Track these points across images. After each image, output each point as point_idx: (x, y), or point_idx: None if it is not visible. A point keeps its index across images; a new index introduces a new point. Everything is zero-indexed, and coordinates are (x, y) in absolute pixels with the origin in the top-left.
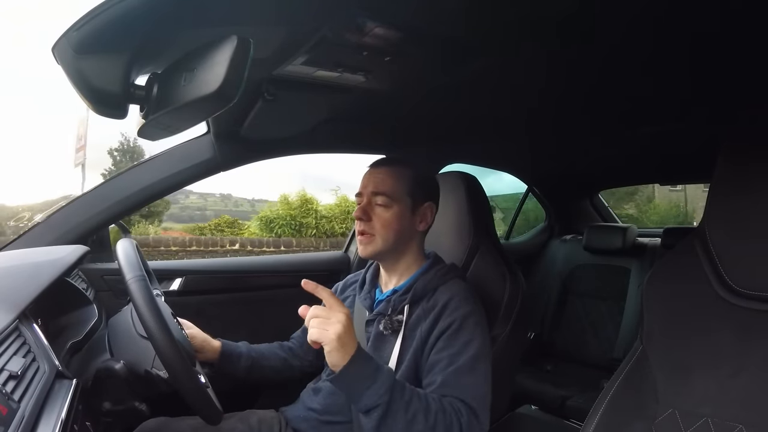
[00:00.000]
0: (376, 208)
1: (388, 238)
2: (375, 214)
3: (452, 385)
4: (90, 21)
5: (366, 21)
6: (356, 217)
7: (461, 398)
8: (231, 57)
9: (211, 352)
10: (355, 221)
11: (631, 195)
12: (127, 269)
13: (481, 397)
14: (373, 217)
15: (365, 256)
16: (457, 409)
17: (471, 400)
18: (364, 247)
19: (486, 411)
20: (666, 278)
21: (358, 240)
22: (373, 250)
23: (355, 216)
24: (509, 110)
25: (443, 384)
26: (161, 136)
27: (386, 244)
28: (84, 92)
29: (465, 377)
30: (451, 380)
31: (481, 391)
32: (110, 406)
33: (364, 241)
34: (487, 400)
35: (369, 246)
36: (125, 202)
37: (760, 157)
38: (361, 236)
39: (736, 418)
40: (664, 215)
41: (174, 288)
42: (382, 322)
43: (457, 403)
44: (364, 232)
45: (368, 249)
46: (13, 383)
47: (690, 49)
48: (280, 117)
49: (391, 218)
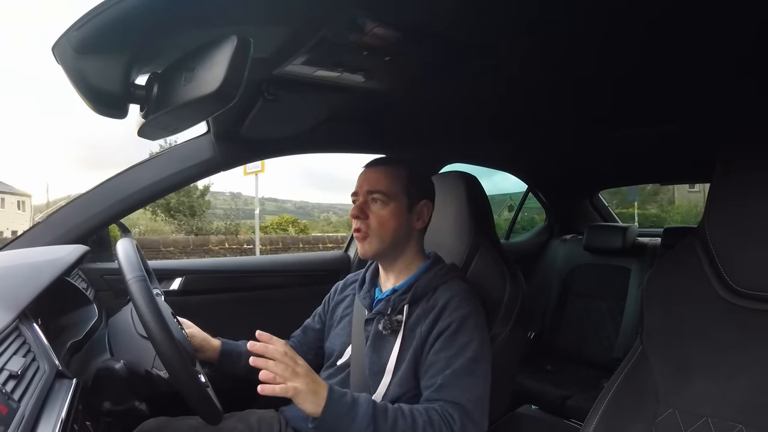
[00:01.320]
0: (372, 206)
1: (384, 236)
2: (371, 213)
3: (450, 388)
4: (90, 21)
5: (366, 21)
6: (353, 216)
7: (458, 401)
8: (231, 57)
9: (211, 351)
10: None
11: (654, 196)
12: (127, 269)
13: (478, 399)
14: (369, 216)
15: (364, 257)
16: (447, 416)
17: (467, 402)
18: (361, 245)
19: (484, 412)
20: (666, 278)
21: (356, 238)
22: (370, 249)
23: (351, 215)
24: (509, 110)
25: (441, 386)
26: (161, 136)
27: (383, 242)
28: (84, 92)
29: (463, 379)
30: (449, 382)
31: (479, 392)
32: (110, 406)
33: (360, 238)
34: (485, 401)
35: (365, 244)
36: (125, 202)
37: (760, 156)
38: (357, 233)
39: (736, 418)
40: (685, 215)
41: (174, 287)
42: (382, 321)
43: (449, 408)
44: (360, 230)
45: (365, 247)
46: (13, 383)
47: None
48: (280, 117)
49: (388, 216)
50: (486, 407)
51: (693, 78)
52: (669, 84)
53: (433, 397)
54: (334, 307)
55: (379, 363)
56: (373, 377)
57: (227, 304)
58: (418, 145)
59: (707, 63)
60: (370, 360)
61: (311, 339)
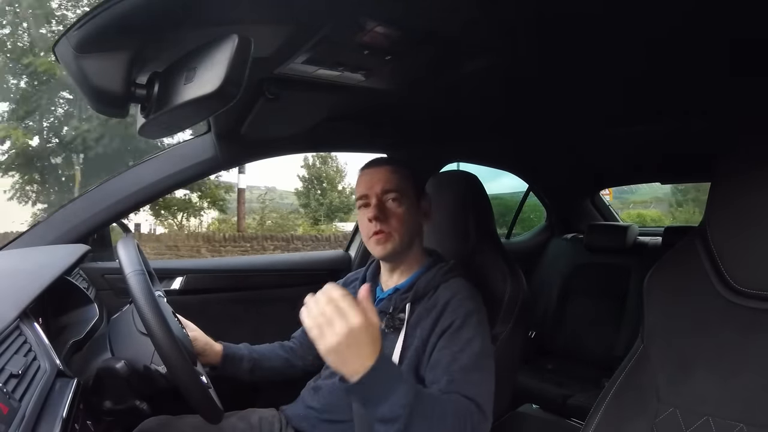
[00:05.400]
0: (388, 205)
1: (404, 234)
2: (390, 212)
3: (460, 383)
4: (91, 20)
5: (367, 20)
6: (372, 218)
7: (469, 396)
8: (232, 56)
9: (214, 355)
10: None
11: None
12: (126, 264)
13: (487, 393)
14: (389, 216)
15: (383, 256)
16: (466, 409)
17: (478, 397)
18: (383, 246)
19: (491, 408)
20: (667, 277)
21: (375, 240)
22: (393, 248)
23: (371, 217)
24: (510, 109)
25: (450, 382)
26: (162, 135)
27: (403, 241)
28: (85, 91)
29: (472, 375)
30: (459, 378)
31: (488, 387)
32: (111, 405)
33: (382, 240)
34: (491, 397)
35: (388, 244)
36: (126, 201)
37: (761, 156)
38: (379, 235)
39: (737, 417)
40: None
41: (175, 287)
42: (384, 320)
43: (464, 402)
44: (382, 231)
45: (387, 247)
46: (15, 382)
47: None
48: (281, 116)
49: (405, 214)
50: (492, 402)
51: (694, 76)
52: (670, 83)
53: (445, 392)
54: None
55: None
56: None
57: (228, 303)
58: (418, 145)
59: (708, 61)
60: None
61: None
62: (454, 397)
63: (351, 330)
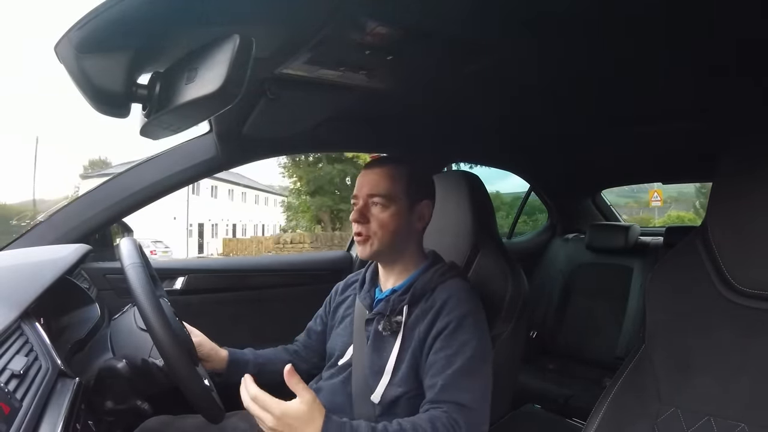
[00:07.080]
0: (372, 209)
1: (384, 238)
2: (372, 216)
3: (452, 389)
4: (92, 20)
5: (368, 20)
6: (353, 220)
7: (461, 402)
8: (233, 56)
9: (219, 361)
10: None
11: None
12: (125, 258)
13: (480, 398)
14: (370, 219)
15: (363, 258)
16: (453, 423)
17: (471, 402)
18: (362, 247)
19: (485, 411)
20: (668, 277)
21: (357, 240)
22: (371, 251)
23: (352, 219)
24: (511, 109)
25: (444, 387)
26: (163, 135)
27: (383, 245)
28: (86, 91)
29: (464, 379)
30: (451, 383)
31: (481, 392)
32: (112, 405)
33: (361, 242)
34: (487, 400)
35: (366, 247)
36: (127, 201)
37: (762, 156)
38: (358, 237)
39: (739, 417)
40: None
41: (176, 287)
42: (381, 322)
43: (454, 412)
44: (361, 234)
45: (366, 251)
46: (16, 382)
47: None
48: (283, 116)
49: (388, 219)
50: (488, 406)
51: (695, 76)
52: (671, 82)
53: (437, 399)
54: (335, 308)
55: (379, 363)
56: (373, 377)
57: (230, 303)
58: (420, 145)
59: (708, 61)
60: (371, 360)
61: (315, 342)
62: (443, 410)
63: (279, 421)
